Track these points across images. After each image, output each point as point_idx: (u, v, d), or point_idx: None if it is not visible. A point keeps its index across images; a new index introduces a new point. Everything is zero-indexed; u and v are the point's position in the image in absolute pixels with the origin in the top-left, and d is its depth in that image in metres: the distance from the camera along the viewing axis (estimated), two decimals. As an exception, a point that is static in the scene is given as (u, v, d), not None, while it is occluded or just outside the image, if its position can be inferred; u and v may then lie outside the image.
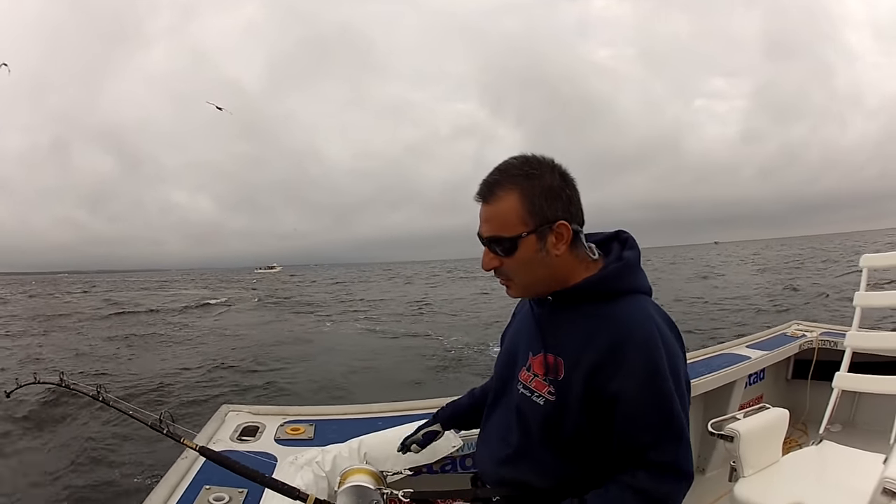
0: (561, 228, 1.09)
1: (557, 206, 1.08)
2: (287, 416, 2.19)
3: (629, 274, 1.14)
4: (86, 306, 26.92)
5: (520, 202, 1.08)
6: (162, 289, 46.37)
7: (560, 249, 1.10)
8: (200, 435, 1.97)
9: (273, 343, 13.49)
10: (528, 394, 1.17)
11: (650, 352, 1.05)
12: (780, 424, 2.14)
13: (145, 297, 32.86)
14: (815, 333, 3.54)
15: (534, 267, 1.11)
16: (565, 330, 1.14)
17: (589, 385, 1.07)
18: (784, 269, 30.34)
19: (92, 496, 4.63)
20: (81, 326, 17.78)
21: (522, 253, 1.09)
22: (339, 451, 1.64)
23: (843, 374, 2.51)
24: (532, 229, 1.08)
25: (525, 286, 1.16)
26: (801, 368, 3.47)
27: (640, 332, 1.06)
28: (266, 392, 8.36)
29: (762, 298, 17.34)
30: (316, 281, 51.59)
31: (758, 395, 3.27)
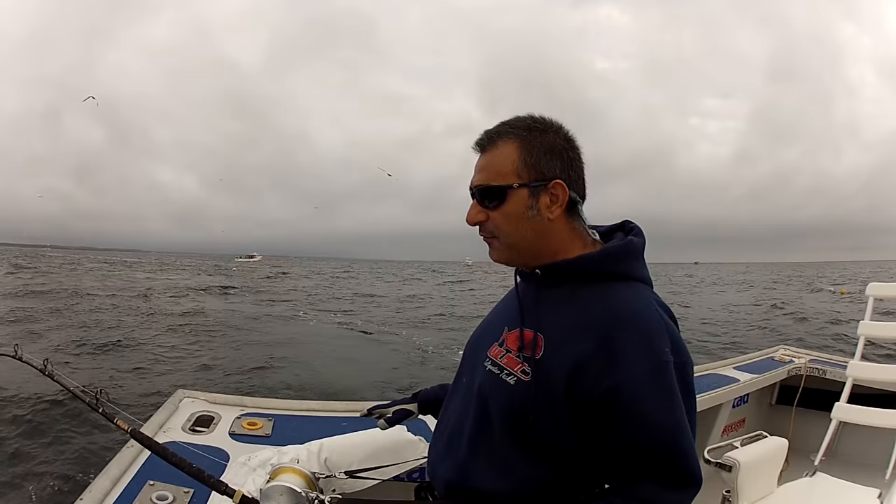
0: (557, 188, 0.98)
1: (556, 164, 0.99)
2: (245, 407, 2.04)
3: (631, 258, 1.02)
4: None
5: (517, 152, 0.99)
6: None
7: (554, 213, 0.99)
8: (151, 421, 1.82)
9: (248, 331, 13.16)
10: (497, 371, 1.00)
11: (653, 343, 0.90)
12: (779, 454, 2.04)
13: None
14: (803, 360, 3.47)
15: (521, 225, 1.00)
16: (551, 306, 1.00)
17: (575, 377, 0.91)
18: (762, 293, 30.75)
19: (29, 483, 4.38)
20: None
21: (511, 206, 0.99)
22: (296, 454, 1.46)
23: (843, 404, 2.45)
24: (525, 182, 0.98)
25: (509, 246, 1.03)
26: (787, 394, 3.41)
27: (640, 321, 0.92)
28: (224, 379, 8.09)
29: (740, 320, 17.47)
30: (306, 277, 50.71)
31: (741, 418, 3.20)
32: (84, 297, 18.51)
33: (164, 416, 1.88)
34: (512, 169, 0.99)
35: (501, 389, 0.98)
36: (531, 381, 0.95)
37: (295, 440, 1.63)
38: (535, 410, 0.93)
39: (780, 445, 2.04)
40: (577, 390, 0.91)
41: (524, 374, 0.96)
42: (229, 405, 2.05)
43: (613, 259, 1.00)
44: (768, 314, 18.42)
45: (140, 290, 22.96)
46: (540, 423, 0.93)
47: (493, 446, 1.00)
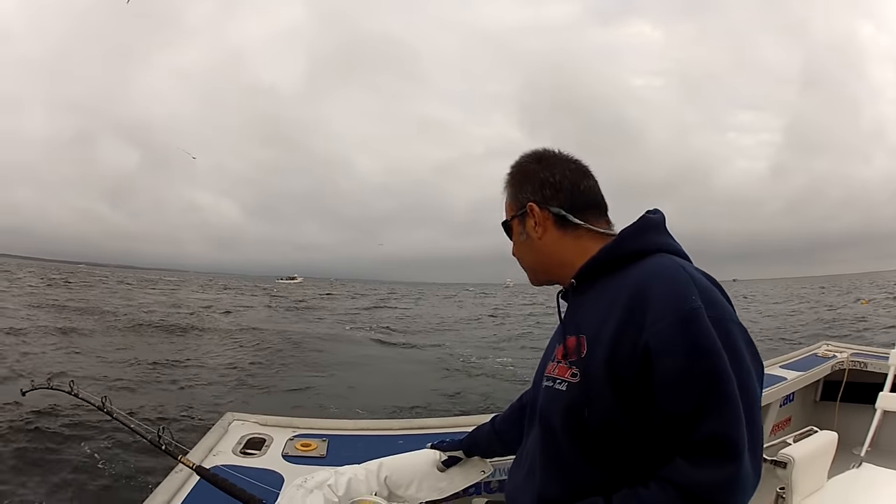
0: (531, 210, 1.09)
1: (528, 189, 1.11)
2: (297, 428, 2.02)
3: (650, 232, 1.04)
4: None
5: (509, 193, 1.16)
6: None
7: (539, 232, 1.10)
8: (200, 445, 1.82)
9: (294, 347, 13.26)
10: (551, 384, 1.03)
11: (677, 293, 0.88)
12: (830, 448, 2.02)
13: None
14: (845, 354, 3.43)
15: (524, 250, 1.15)
16: (587, 306, 1.03)
17: (613, 356, 0.91)
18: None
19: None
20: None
21: (514, 237, 1.16)
22: (354, 474, 1.44)
23: (887, 394, 2.43)
24: (514, 214, 1.14)
25: (528, 270, 1.18)
26: (830, 390, 3.37)
27: (662, 278, 0.92)
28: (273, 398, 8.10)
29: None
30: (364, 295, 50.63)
31: (787, 416, 3.17)
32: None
33: (214, 440, 1.87)
34: (507, 208, 1.17)
35: (556, 398, 1.00)
36: (580, 381, 0.96)
37: (351, 460, 1.61)
38: (588, 403, 0.93)
39: (830, 439, 2.03)
40: (619, 369, 0.90)
41: (573, 377, 0.97)
42: (280, 427, 2.03)
43: (631, 238, 1.03)
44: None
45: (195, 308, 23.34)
46: (594, 415, 0.93)
47: (562, 460, 1.00)
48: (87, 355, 10.63)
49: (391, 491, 1.38)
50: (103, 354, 10.80)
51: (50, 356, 10.11)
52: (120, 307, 20.74)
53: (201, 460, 1.66)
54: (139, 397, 7.48)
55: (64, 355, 10.37)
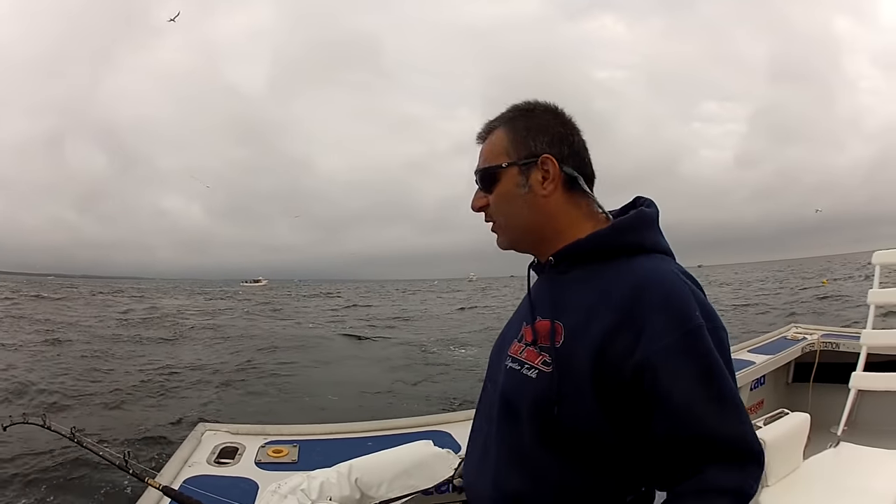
0: (546, 163, 0.97)
1: (543, 140, 0.99)
2: (268, 435, 2.03)
3: (646, 229, 0.98)
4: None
5: (505, 135, 1.01)
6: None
7: (547, 189, 0.97)
8: (175, 457, 1.81)
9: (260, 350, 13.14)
10: (518, 367, 0.95)
11: (681, 310, 0.84)
12: (803, 429, 2.04)
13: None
14: (815, 336, 3.49)
15: (517, 205, 1.00)
16: (569, 291, 0.95)
17: (600, 359, 0.85)
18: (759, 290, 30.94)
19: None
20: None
21: (504, 186, 1.00)
22: (326, 477, 1.45)
23: (860, 373, 2.47)
24: (513, 161, 0.99)
25: (511, 228, 1.03)
26: (802, 372, 3.42)
27: (664, 289, 0.86)
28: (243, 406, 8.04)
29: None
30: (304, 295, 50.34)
31: (759, 399, 3.21)
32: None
33: (188, 451, 1.87)
34: (501, 150, 1.00)
35: (524, 385, 0.93)
36: (553, 371, 0.90)
37: (323, 464, 1.62)
38: (560, 400, 0.88)
39: (802, 420, 2.05)
40: (605, 372, 0.85)
41: (545, 366, 0.91)
42: (252, 434, 2.04)
43: (626, 231, 0.96)
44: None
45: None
46: (567, 414, 0.87)
47: (525, 451, 0.93)
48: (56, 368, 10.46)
49: (363, 492, 1.39)
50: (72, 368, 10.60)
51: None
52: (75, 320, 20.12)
53: (173, 477, 1.66)
54: (112, 413, 7.41)
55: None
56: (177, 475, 1.68)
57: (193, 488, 1.60)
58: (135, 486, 4.74)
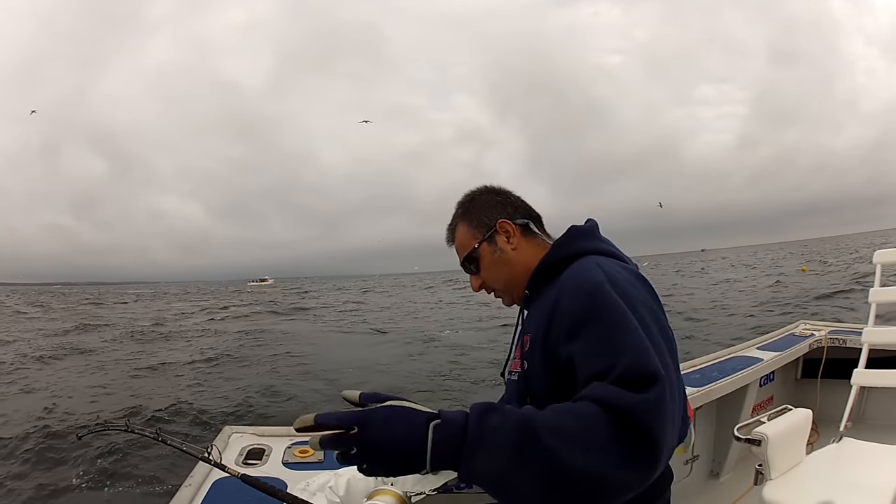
0: (504, 226, 1.25)
1: (493, 212, 1.26)
2: (294, 436, 2.10)
3: (578, 238, 1.19)
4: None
5: (466, 226, 1.29)
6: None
7: (514, 243, 1.25)
8: (201, 462, 1.88)
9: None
10: (510, 376, 1.25)
11: (585, 278, 1.01)
12: (805, 425, 2.11)
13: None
14: (823, 332, 3.52)
15: (498, 268, 1.26)
16: (533, 311, 1.20)
17: (545, 350, 1.07)
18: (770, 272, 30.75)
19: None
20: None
21: (485, 262, 1.26)
22: (353, 475, 1.53)
23: (861, 370, 2.51)
24: (481, 239, 1.26)
25: (506, 290, 1.28)
26: (811, 368, 3.46)
27: (577, 272, 1.06)
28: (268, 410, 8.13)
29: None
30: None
31: (768, 396, 3.26)
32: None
33: (217, 454, 1.95)
34: (469, 239, 1.27)
35: (511, 388, 1.22)
36: (524, 370, 1.15)
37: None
38: (530, 389, 1.12)
39: (804, 416, 2.11)
40: (549, 351, 1.05)
41: (522, 368, 1.17)
42: (278, 436, 2.10)
43: (561, 247, 1.19)
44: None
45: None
46: (536, 397, 1.10)
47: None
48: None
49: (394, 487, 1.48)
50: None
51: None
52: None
53: (203, 478, 1.74)
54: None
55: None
56: (206, 476, 1.75)
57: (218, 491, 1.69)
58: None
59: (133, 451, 5.60)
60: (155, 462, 5.44)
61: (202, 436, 6.17)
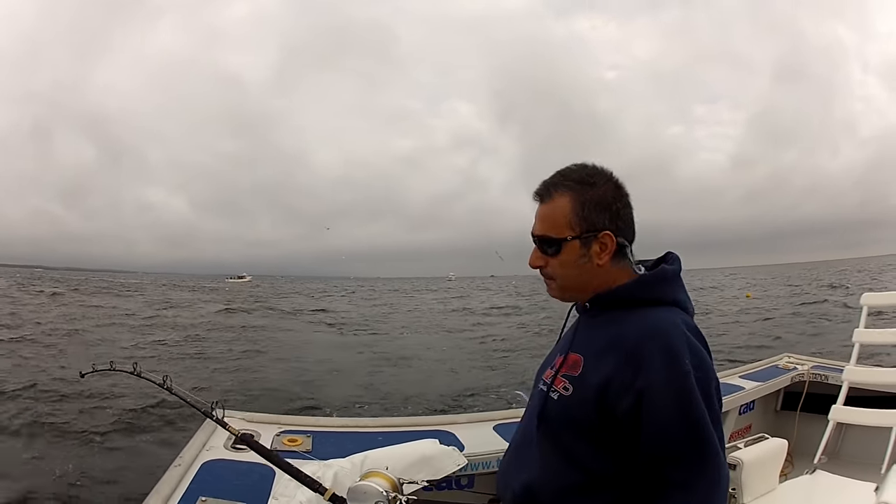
0: (605, 238, 1.12)
1: (605, 216, 1.12)
2: (283, 425, 2.13)
3: (662, 284, 1.14)
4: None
5: (570, 206, 1.12)
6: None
7: (603, 259, 1.13)
8: (193, 440, 1.91)
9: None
10: (545, 389, 1.16)
11: (674, 356, 1.01)
12: (779, 454, 2.16)
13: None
14: (806, 367, 3.58)
15: (574, 271, 1.14)
16: (594, 330, 1.16)
17: (604, 391, 1.04)
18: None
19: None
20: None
21: (565, 256, 1.13)
22: (341, 466, 1.59)
23: (839, 406, 2.56)
24: (577, 235, 1.11)
25: (563, 288, 1.18)
26: (791, 400, 3.51)
27: (663, 336, 1.03)
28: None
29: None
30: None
31: (747, 424, 3.30)
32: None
33: (206, 436, 1.95)
34: (565, 222, 1.12)
35: (548, 404, 1.14)
36: (570, 395, 1.10)
37: (335, 454, 1.74)
38: (573, 421, 1.08)
39: (779, 445, 2.16)
40: (606, 403, 1.03)
41: (565, 390, 1.11)
42: (267, 423, 2.13)
43: (645, 286, 1.13)
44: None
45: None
46: (575, 432, 1.08)
47: (542, 451, 1.14)
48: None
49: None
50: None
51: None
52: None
53: (192, 459, 1.76)
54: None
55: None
56: (195, 458, 1.77)
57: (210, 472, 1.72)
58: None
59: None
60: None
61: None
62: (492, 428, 2.21)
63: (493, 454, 1.89)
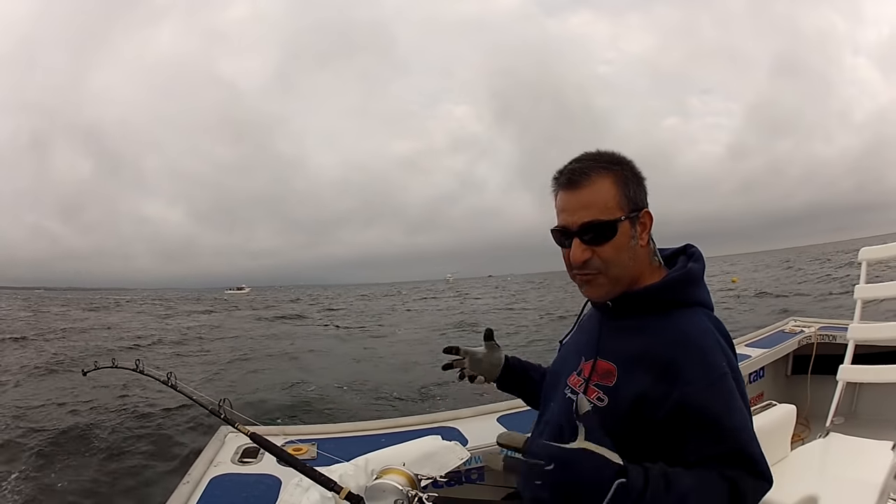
0: (646, 217, 1.09)
1: (643, 193, 1.09)
2: (287, 435, 2.13)
3: (691, 285, 1.10)
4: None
5: (616, 186, 1.06)
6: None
7: (644, 239, 1.09)
8: (201, 457, 1.92)
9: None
10: (575, 398, 1.08)
11: (711, 361, 1.00)
12: (789, 420, 2.13)
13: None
14: (813, 329, 3.56)
15: (626, 257, 1.07)
16: (622, 337, 1.10)
17: (641, 403, 1.01)
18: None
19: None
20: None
21: (619, 241, 1.05)
22: (344, 470, 1.58)
23: (847, 366, 2.53)
24: (627, 214, 1.06)
25: (615, 279, 1.09)
26: (801, 364, 3.49)
27: (698, 344, 1.02)
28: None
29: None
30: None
31: (758, 392, 3.28)
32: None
33: (213, 452, 1.96)
34: (615, 203, 1.05)
35: (571, 410, 1.05)
36: (606, 406, 1.05)
37: (340, 459, 1.75)
38: (607, 428, 1.00)
39: (788, 411, 2.13)
40: (643, 415, 1.01)
41: (599, 401, 1.06)
42: (272, 435, 2.10)
43: (675, 288, 1.09)
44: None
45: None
46: (612, 442, 1.01)
47: None
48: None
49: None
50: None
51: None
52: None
53: (201, 476, 1.77)
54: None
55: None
56: (203, 474, 1.78)
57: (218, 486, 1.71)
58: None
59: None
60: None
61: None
62: (496, 420, 2.20)
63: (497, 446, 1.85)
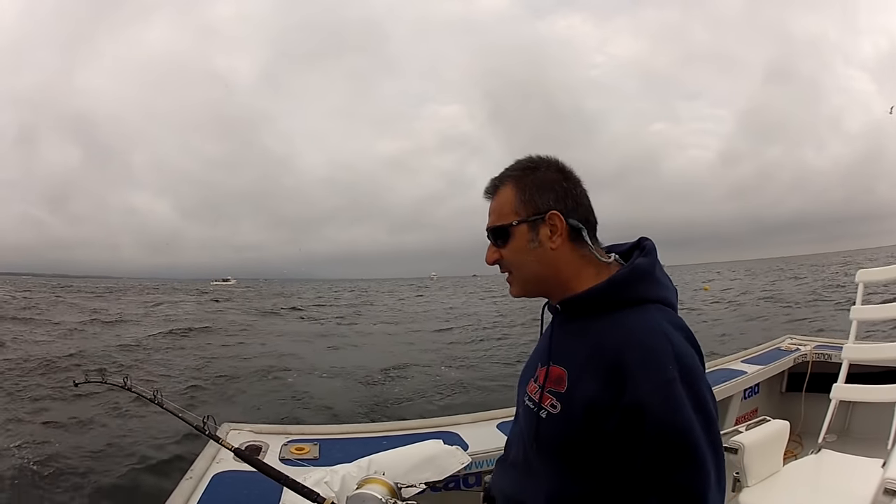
0: (553, 219, 1.08)
1: (550, 197, 1.09)
2: (290, 434, 2.17)
3: (638, 282, 1.07)
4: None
5: (514, 193, 1.11)
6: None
7: (555, 243, 1.09)
8: (203, 454, 1.94)
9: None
10: (532, 406, 1.12)
11: (657, 364, 0.96)
12: (782, 436, 2.18)
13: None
14: (808, 347, 3.59)
15: (529, 257, 1.10)
16: (571, 341, 1.10)
17: (592, 410, 0.99)
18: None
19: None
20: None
21: (516, 242, 1.11)
22: (347, 471, 1.61)
23: (841, 385, 2.57)
24: (523, 218, 1.09)
25: (523, 280, 1.14)
26: (796, 381, 3.53)
27: (643, 345, 0.98)
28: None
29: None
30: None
31: (753, 408, 3.32)
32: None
33: (215, 449, 1.96)
34: (510, 208, 1.11)
35: (535, 422, 1.09)
36: (559, 413, 1.05)
37: (342, 460, 1.77)
38: (564, 438, 1.03)
39: (781, 426, 2.17)
40: (595, 422, 0.99)
41: (553, 408, 1.06)
42: (274, 434, 2.16)
43: (620, 287, 1.06)
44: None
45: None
46: (570, 449, 1.03)
47: (532, 469, 1.12)
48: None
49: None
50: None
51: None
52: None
53: (203, 472, 1.79)
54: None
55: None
56: (206, 470, 1.81)
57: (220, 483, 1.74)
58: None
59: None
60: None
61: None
62: (495, 426, 2.24)
63: (497, 452, 1.89)
